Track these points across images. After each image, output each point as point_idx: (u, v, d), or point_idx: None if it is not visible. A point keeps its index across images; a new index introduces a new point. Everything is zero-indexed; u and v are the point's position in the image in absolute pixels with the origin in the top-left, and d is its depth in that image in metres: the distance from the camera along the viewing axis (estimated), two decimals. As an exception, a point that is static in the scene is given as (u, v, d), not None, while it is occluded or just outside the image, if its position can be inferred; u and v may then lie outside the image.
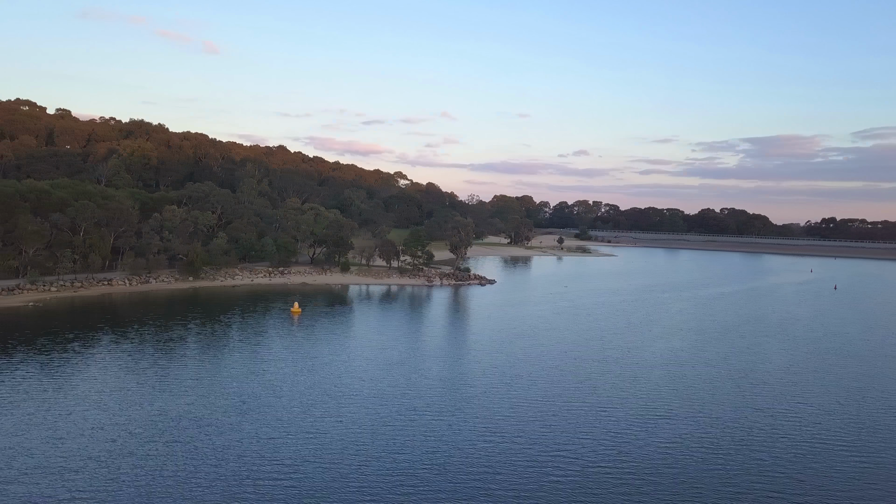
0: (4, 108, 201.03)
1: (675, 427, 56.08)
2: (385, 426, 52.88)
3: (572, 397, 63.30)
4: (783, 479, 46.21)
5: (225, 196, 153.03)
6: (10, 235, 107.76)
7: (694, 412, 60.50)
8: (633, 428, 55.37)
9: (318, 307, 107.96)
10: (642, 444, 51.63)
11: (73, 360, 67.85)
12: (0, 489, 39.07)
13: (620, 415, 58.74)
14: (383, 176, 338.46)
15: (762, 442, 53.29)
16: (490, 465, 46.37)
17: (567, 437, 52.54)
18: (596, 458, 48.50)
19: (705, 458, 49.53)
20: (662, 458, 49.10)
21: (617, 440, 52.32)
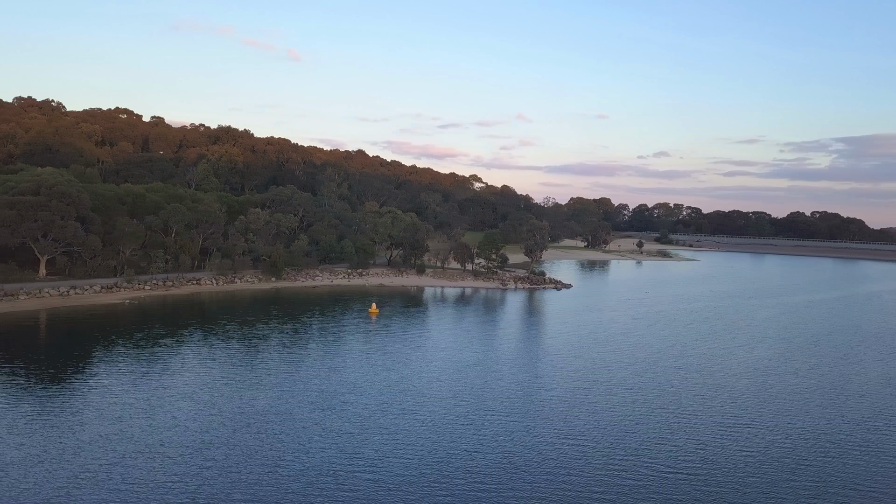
0: (106, 116, 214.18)
1: (760, 437, 54.00)
2: (462, 426, 53.33)
3: (652, 404, 61.93)
4: (880, 497, 43.72)
5: (306, 199, 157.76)
6: (110, 236, 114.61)
7: (781, 423, 58.04)
8: (715, 437, 53.69)
9: (394, 308, 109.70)
10: (725, 453, 49.99)
11: (166, 354, 71.63)
12: (105, 470, 41.85)
13: (703, 423, 57.04)
14: (458, 179, 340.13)
15: (856, 458, 50.57)
16: (567, 467, 46.02)
17: (647, 443, 51.47)
18: (677, 464, 47.31)
19: (794, 470, 47.47)
20: (747, 467, 47.39)
21: (699, 448, 50.87)
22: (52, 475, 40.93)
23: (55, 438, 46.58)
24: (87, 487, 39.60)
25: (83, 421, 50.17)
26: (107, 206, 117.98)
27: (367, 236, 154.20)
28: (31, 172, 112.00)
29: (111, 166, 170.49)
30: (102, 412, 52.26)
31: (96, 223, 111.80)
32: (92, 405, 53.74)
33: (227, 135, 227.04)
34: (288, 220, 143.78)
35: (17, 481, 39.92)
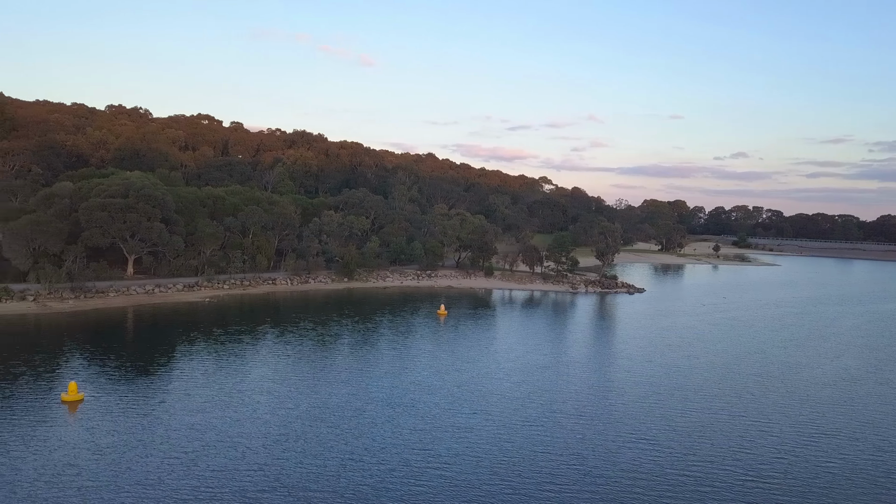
0: (189, 122, 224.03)
1: (845, 449, 51.51)
2: (532, 427, 53.25)
3: (730, 411, 60.02)
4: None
5: (378, 202, 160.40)
6: (192, 237, 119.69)
7: (868, 434, 55.20)
8: (797, 446, 51.58)
9: (462, 310, 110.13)
10: (807, 464, 47.96)
11: (244, 351, 74.34)
12: (191, 458, 44.01)
13: (783, 432, 54.85)
14: (528, 181, 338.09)
15: (955, 473, 47.48)
16: (641, 472, 45.20)
17: (724, 451, 49.96)
18: (756, 473, 45.75)
19: (881, 483, 44.99)
20: (830, 479, 45.28)
21: (779, 458, 48.99)
22: (143, 460, 43.34)
23: (145, 426, 49.25)
24: (176, 472, 41.79)
25: (169, 411, 52.81)
26: (189, 208, 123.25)
27: (436, 238, 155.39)
28: (121, 176, 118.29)
29: (193, 170, 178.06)
30: (186, 403, 54.82)
31: (179, 224, 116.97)
32: (176, 397, 56.46)
33: (302, 139, 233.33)
34: (360, 222, 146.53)
35: (113, 464, 42.51)
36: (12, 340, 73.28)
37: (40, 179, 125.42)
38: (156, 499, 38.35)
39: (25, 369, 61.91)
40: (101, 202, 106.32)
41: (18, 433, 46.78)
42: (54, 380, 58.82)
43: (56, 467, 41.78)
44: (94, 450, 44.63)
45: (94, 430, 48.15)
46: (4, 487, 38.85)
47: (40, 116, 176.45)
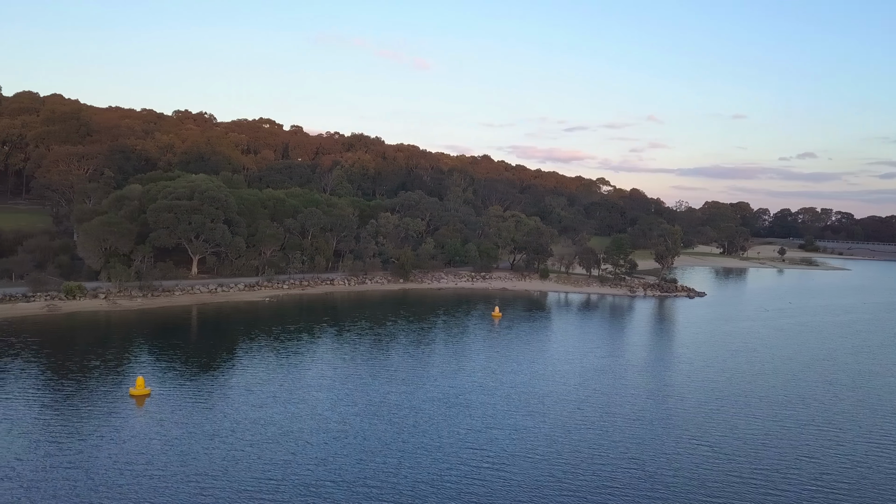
0: (251, 126, 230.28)
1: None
2: (589, 429, 52.74)
3: (798, 420, 58.02)
4: None
5: (433, 204, 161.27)
6: (253, 238, 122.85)
7: (950, 448, 52.28)
8: (868, 456, 49.48)
9: (517, 312, 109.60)
10: (879, 474, 45.81)
11: (303, 349, 75.90)
12: (255, 450, 45.31)
13: (854, 441, 52.69)
14: (585, 182, 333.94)
15: None
16: (701, 478, 44.16)
17: (790, 458, 48.40)
18: (824, 482, 44.15)
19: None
20: (909, 495, 43.13)
21: (848, 467, 47.07)
22: (209, 452, 44.87)
23: (210, 420, 50.95)
24: (241, 464, 43.16)
25: (233, 405, 54.47)
26: (251, 209, 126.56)
27: (490, 240, 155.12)
28: (187, 179, 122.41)
29: (255, 173, 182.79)
30: (248, 398, 56.42)
31: (241, 226, 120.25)
32: (239, 392, 58.15)
33: (360, 142, 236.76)
34: (415, 223, 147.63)
35: (181, 455, 44.17)
36: (85, 336, 76.80)
37: (112, 182, 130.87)
38: (222, 489, 39.62)
39: (98, 363, 64.79)
40: (167, 204, 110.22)
41: (92, 423, 49.03)
42: (123, 374, 61.34)
43: (128, 455, 43.65)
44: (163, 440, 46.41)
45: (162, 422, 50.03)
46: (82, 473, 40.80)
47: (113, 122, 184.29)
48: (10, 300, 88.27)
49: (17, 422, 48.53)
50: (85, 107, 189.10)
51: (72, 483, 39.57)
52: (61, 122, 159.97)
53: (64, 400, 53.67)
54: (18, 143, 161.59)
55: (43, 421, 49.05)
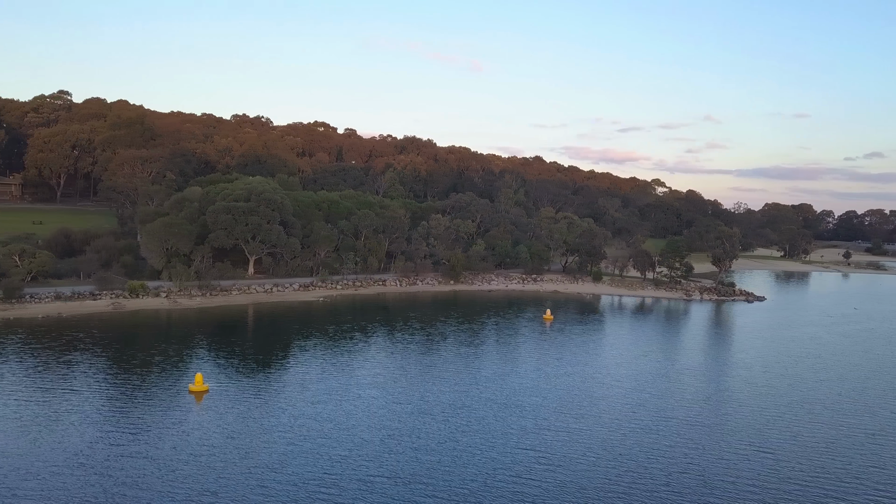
0: (306, 129, 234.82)
1: None
2: (644, 433, 51.98)
3: (865, 429, 55.93)
4: None
5: (484, 205, 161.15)
6: (307, 239, 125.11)
7: None
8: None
9: (569, 315, 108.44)
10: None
11: (356, 348, 76.93)
12: (312, 446, 46.28)
13: (927, 454, 50.14)
14: (639, 184, 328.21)
15: None
16: (762, 486, 43.00)
17: (859, 468, 46.71)
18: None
19: None
20: None
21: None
22: (269, 447, 46.07)
23: (269, 415, 52.25)
24: (299, 458, 44.29)
25: (290, 402, 55.73)
26: (305, 211, 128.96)
27: (542, 242, 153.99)
28: (244, 181, 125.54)
29: (310, 175, 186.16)
30: (305, 395, 57.65)
31: (296, 227, 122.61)
32: (295, 389, 59.43)
33: (412, 144, 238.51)
34: (466, 225, 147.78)
35: (242, 447, 45.51)
36: (147, 333, 79.61)
37: (173, 185, 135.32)
38: (281, 482, 40.65)
39: (159, 360, 67.15)
40: (225, 206, 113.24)
41: (155, 417, 50.93)
42: (182, 371, 63.30)
43: (191, 447, 45.24)
44: (223, 434, 47.85)
45: (222, 416, 51.56)
46: (149, 462, 42.54)
47: (174, 126, 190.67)
48: (78, 298, 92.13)
49: (88, 413, 50.80)
50: (149, 112, 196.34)
51: (140, 471, 41.29)
52: (127, 126, 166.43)
53: (128, 393, 55.83)
54: (87, 147, 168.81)
55: (110, 412, 51.20)
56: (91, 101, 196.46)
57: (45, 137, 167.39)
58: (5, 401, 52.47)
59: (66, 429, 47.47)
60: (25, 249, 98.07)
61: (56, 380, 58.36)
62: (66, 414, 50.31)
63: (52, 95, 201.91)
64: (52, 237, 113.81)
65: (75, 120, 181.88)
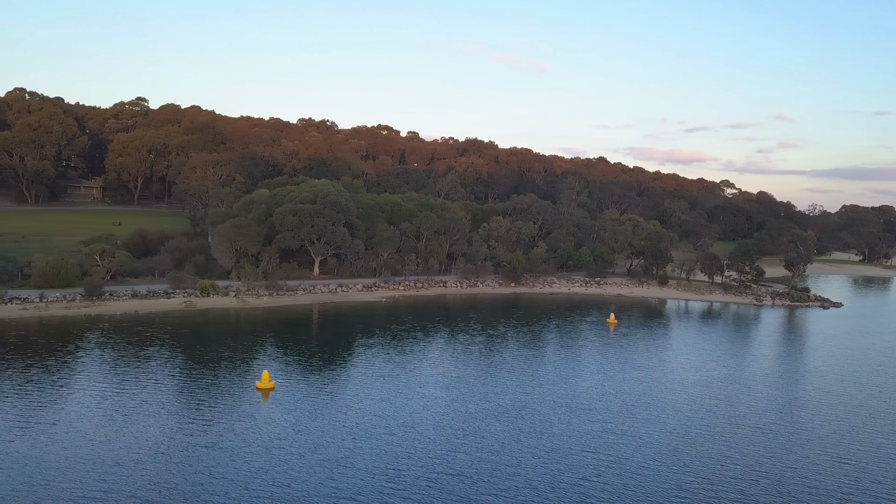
0: (370, 133, 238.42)
1: None
2: (714, 440, 50.64)
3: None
4: None
5: (546, 207, 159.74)
6: (371, 241, 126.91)
7: None
8: None
9: (634, 319, 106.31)
10: None
11: (418, 348, 77.59)
12: (378, 442, 46.94)
13: None
14: (707, 185, 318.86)
15: None
16: (842, 497, 41.17)
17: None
18: None
19: None
20: None
21: None
22: (337, 443, 47.04)
23: (334, 411, 53.33)
24: (367, 454, 45.22)
25: (355, 399, 56.66)
26: (369, 213, 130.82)
27: (605, 244, 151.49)
28: (310, 184, 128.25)
29: (373, 178, 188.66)
30: (370, 393, 58.58)
31: (360, 229, 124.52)
32: (359, 387, 60.38)
33: (474, 147, 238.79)
34: (528, 227, 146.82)
35: (311, 442, 46.57)
36: (217, 331, 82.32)
37: (242, 187, 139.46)
38: (349, 476, 41.51)
39: (228, 356, 69.34)
40: (292, 208, 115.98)
41: (225, 411, 52.66)
42: (250, 368, 65.13)
43: (262, 440, 46.66)
44: (293, 429, 49.10)
45: (290, 412, 52.89)
46: (223, 452, 44.14)
47: (244, 131, 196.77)
48: (153, 296, 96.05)
49: (165, 405, 53.02)
50: (220, 117, 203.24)
51: (215, 461, 42.90)
52: (199, 131, 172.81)
53: (200, 388, 57.90)
54: (162, 151, 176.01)
55: (184, 405, 53.29)
56: (166, 107, 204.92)
57: (124, 142, 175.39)
58: (90, 391, 55.28)
59: (145, 419, 49.67)
60: (105, 249, 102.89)
61: (134, 372, 61.10)
62: (144, 405, 52.63)
63: (130, 102, 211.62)
64: (130, 238, 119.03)
65: (152, 125, 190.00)
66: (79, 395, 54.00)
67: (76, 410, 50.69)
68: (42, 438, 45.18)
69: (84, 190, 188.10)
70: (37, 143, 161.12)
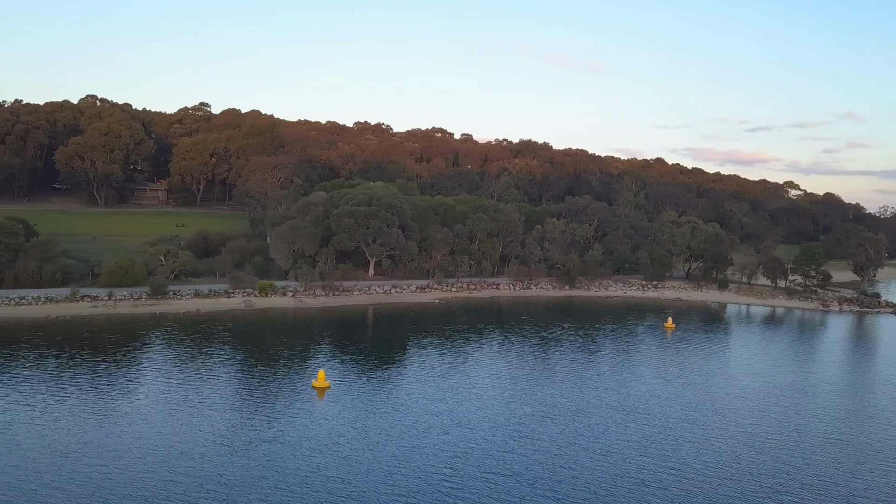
0: (424, 136, 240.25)
1: None
2: (779, 448, 49.15)
3: None
4: None
5: (601, 209, 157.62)
6: (425, 243, 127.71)
7: None
8: None
9: (692, 324, 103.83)
10: None
11: (471, 350, 77.61)
12: (435, 441, 47.31)
13: None
14: (770, 186, 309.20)
15: None
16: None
17: None
18: None
19: None
20: None
21: None
22: (394, 441, 47.62)
23: (390, 409, 53.95)
24: (423, 452, 45.71)
25: (410, 399, 57.22)
26: (423, 215, 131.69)
27: (663, 247, 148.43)
28: (365, 186, 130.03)
29: (427, 180, 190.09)
30: (424, 393, 59.07)
31: (414, 231, 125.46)
32: (414, 387, 60.92)
33: (528, 148, 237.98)
34: (582, 229, 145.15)
35: (367, 440, 47.21)
36: (275, 330, 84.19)
37: (300, 190, 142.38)
38: (407, 474, 41.96)
39: (287, 354, 70.91)
40: (348, 210, 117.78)
41: (283, 407, 53.87)
42: (306, 367, 66.40)
43: (321, 436, 47.61)
44: (349, 427, 49.87)
45: (345, 410, 53.72)
46: (283, 446, 45.26)
47: (301, 134, 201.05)
48: (214, 295, 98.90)
49: (226, 400, 54.64)
50: (278, 121, 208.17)
51: (277, 456, 44.02)
52: (258, 135, 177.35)
53: (259, 385, 59.38)
54: (223, 155, 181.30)
55: (244, 401, 54.79)
56: (227, 112, 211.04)
57: (188, 146, 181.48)
58: (157, 385, 57.45)
59: (209, 413, 51.30)
60: (170, 250, 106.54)
61: (197, 368, 63.12)
62: (207, 400, 54.34)
63: (193, 107, 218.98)
64: (192, 239, 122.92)
65: (213, 130, 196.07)
66: (147, 389, 56.17)
67: (145, 404, 52.75)
68: (115, 429, 47.23)
69: (150, 192, 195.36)
70: (107, 148, 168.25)
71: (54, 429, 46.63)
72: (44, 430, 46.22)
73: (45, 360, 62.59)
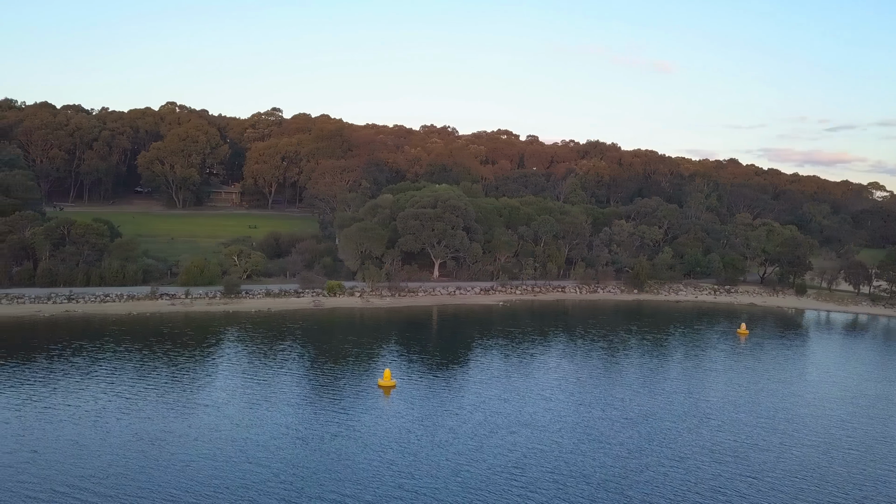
0: (489, 138, 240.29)
1: None
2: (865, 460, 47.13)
3: None
4: None
5: (672, 211, 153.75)
6: (489, 244, 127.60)
7: None
8: None
9: (767, 330, 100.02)
10: None
11: (537, 351, 77.26)
12: (504, 440, 47.42)
13: None
14: (853, 187, 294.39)
15: None
16: None
17: None
18: None
19: None
20: None
21: None
22: (460, 438, 47.91)
23: (456, 408, 54.29)
24: (493, 450, 45.77)
25: (476, 398, 57.52)
26: (487, 217, 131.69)
27: (737, 251, 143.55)
28: (431, 189, 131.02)
29: (492, 182, 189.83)
30: (489, 392, 59.18)
31: (479, 233, 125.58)
32: (479, 387, 61.07)
33: (595, 149, 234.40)
34: (652, 232, 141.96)
35: (435, 438, 47.73)
36: (343, 329, 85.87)
37: (368, 192, 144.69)
38: (475, 472, 42.37)
39: (355, 352, 72.30)
40: (414, 212, 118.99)
41: (351, 404, 55.01)
42: (373, 365, 67.46)
43: (389, 433, 48.49)
44: (416, 424, 50.53)
45: (412, 408, 54.41)
46: (353, 441, 46.43)
47: (369, 138, 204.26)
48: (284, 295, 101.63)
49: (298, 395, 56.24)
50: (346, 125, 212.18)
51: (348, 450, 45.22)
52: (328, 139, 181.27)
53: (327, 382, 60.81)
54: (294, 158, 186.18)
55: (314, 396, 56.25)
56: (298, 117, 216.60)
57: (261, 150, 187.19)
58: (232, 380, 59.64)
59: (282, 407, 52.96)
60: (242, 251, 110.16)
61: (270, 364, 65.17)
62: (279, 394, 56.04)
63: (266, 112, 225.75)
64: (264, 240, 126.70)
65: (285, 134, 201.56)
66: (223, 384, 58.33)
67: (222, 397, 54.81)
68: (195, 420, 49.37)
69: (224, 195, 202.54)
70: (185, 153, 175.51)
71: (140, 418, 49.11)
72: (131, 420, 48.76)
73: (130, 354, 65.86)
